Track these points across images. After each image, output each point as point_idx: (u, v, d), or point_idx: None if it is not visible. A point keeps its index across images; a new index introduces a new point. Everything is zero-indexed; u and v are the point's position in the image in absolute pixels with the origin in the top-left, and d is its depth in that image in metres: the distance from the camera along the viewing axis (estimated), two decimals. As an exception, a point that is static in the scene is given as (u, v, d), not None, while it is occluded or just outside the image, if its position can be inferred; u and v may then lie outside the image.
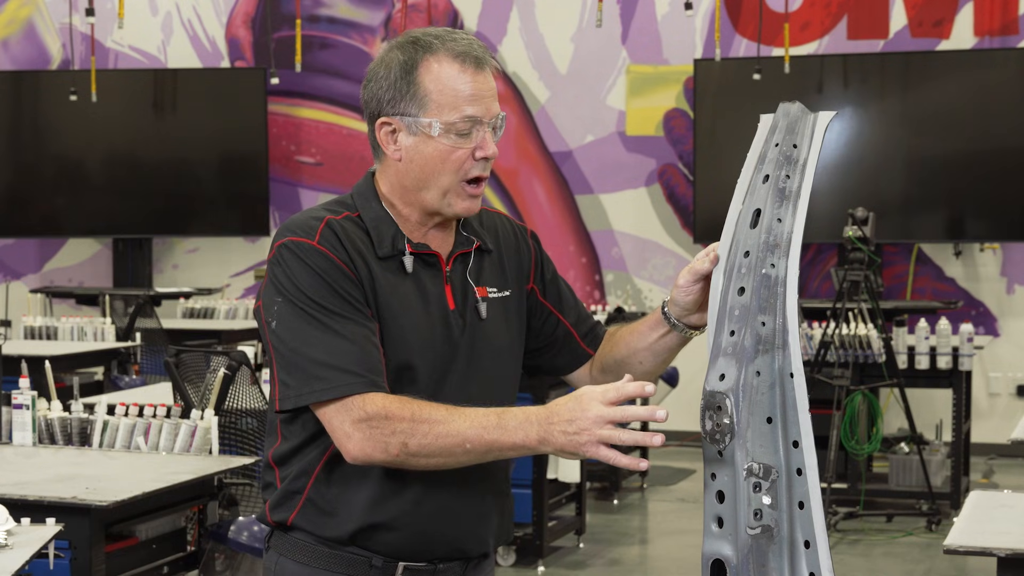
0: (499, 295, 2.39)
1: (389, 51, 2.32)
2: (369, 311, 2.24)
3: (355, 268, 2.25)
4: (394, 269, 2.30)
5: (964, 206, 9.13)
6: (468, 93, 2.26)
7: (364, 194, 2.35)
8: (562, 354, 2.53)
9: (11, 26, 10.87)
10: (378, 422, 2.15)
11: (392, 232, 2.32)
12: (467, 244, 2.38)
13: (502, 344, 2.38)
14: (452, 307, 2.32)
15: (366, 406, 2.16)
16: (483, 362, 2.35)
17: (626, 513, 7.68)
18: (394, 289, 2.28)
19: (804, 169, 2.04)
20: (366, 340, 2.21)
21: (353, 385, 2.17)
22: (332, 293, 2.22)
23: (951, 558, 5.82)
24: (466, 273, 2.36)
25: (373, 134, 2.33)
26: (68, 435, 4.42)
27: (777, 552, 1.95)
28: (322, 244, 2.24)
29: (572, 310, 2.53)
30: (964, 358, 7.45)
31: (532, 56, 10.03)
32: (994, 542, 3.32)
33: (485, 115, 2.27)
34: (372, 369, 2.19)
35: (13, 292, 10.63)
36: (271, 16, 10.30)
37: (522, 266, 2.47)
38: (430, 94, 2.26)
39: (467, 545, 2.35)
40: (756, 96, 8.83)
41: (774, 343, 1.97)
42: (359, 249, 2.27)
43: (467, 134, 2.27)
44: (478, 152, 2.28)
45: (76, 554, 3.62)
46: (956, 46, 9.22)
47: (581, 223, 9.98)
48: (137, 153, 10.34)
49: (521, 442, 2.12)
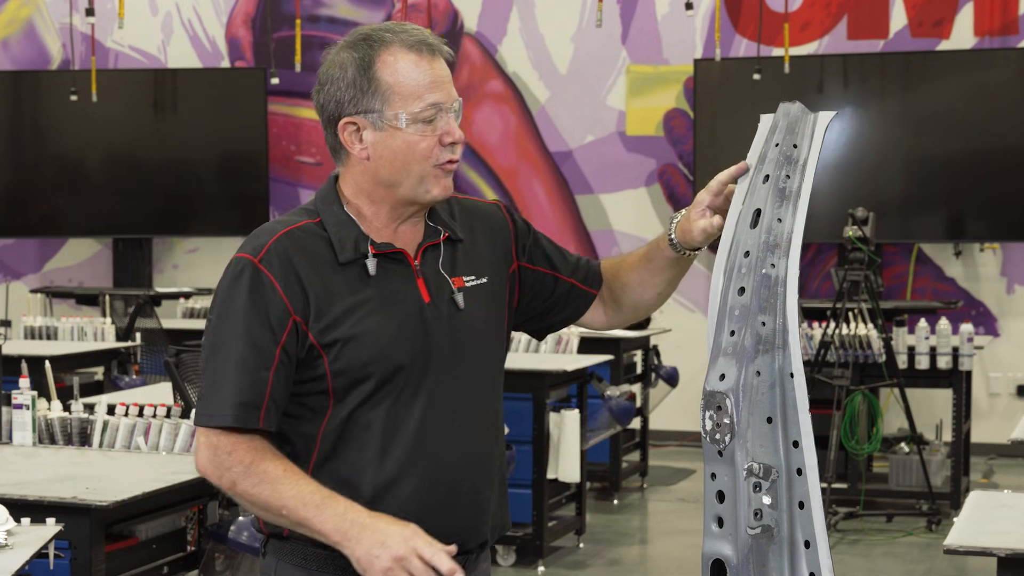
0: (476, 282, 2.40)
1: (339, 52, 2.32)
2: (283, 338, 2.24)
3: (302, 287, 2.26)
4: (357, 273, 2.30)
5: (964, 206, 9.13)
6: (428, 81, 2.30)
7: (326, 198, 2.36)
8: (567, 307, 2.55)
9: (11, 26, 10.87)
10: (223, 454, 2.24)
11: (354, 235, 2.31)
12: (435, 235, 2.38)
13: (484, 331, 2.39)
14: (427, 300, 2.32)
15: (224, 438, 2.24)
16: (467, 351, 2.35)
17: (626, 513, 7.68)
18: (357, 294, 2.28)
19: (804, 169, 2.04)
20: (255, 370, 2.23)
21: (226, 417, 2.23)
22: (250, 317, 2.24)
23: (951, 558, 5.82)
24: (439, 265, 2.36)
25: (334, 137, 2.33)
26: (68, 435, 4.42)
27: (777, 552, 1.95)
28: (263, 263, 2.26)
29: (564, 263, 2.55)
30: (964, 358, 7.45)
31: (532, 56, 10.03)
32: (994, 542, 3.31)
33: (447, 100, 2.32)
34: (252, 403, 2.22)
35: (13, 292, 10.63)
36: (271, 16, 10.29)
37: (503, 247, 2.48)
38: (391, 87, 2.28)
39: (464, 538, 2.35)
40: (756, 96, 8.82)
41: (774, 343, 1.97)
42: (314, 262, 2.28)
43: (432, 121, 2.30)
44: (445, 138, 2.33)
45: (76, 554, 3.62)
46: (956, 46, 9.22)
47: (581, 223, 9.98)
48: (137, 153, 10.34)
49: (328, 532, 2.19)
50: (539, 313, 2.54)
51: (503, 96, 10.07)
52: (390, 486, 2.28)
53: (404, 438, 2.29)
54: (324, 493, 2.20)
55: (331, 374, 2.27)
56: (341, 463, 2.29)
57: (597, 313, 2.58)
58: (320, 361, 2.27)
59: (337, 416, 2.28)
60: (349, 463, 2.28)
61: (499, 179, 10.10)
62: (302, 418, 2.31)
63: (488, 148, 10.11)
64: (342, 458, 2.29)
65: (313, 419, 2.30)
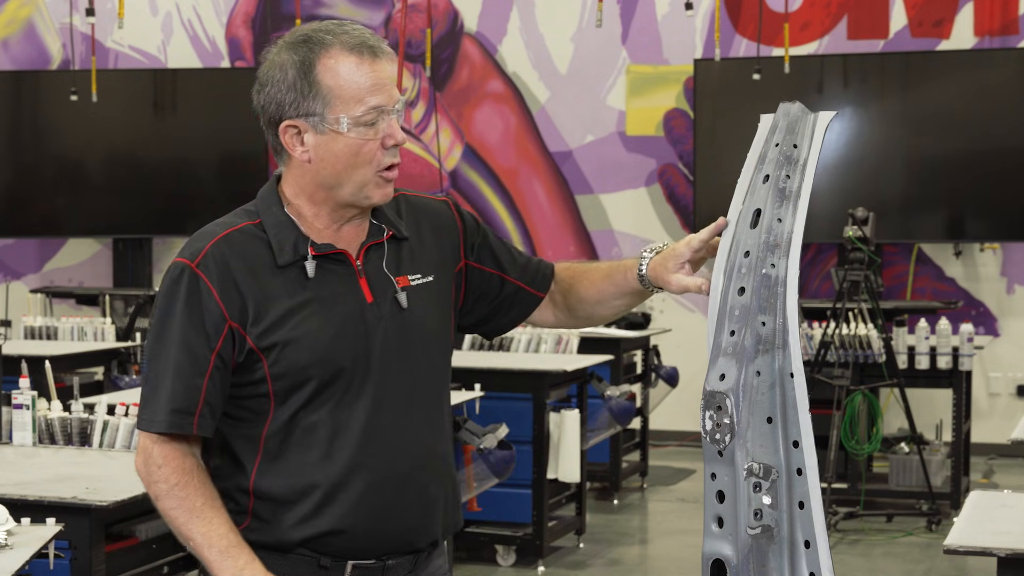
0: (422, 281, 2.39)
1: (279, 53, 2.31)
2: (218, 344, 2.25)
3: (239, 292, 2.26)
4: (297, 275, 2.29)
5: (964, 206, 9.13)
6: (370, 84, 2.26)
7: (267, 199, 2.36)
8: (514, 308, 2.54)
9: (11, 26, 10.87)
10: (153, 466, 2.27)
11: (293, 237, 2.31)
12: (379, 234, 2.37)
13: (430, 330, 2.38)
14: (370, 300, 2.32)
15: (160, 447, 2.27)
16: (412, 351, 2.34)
17: (626, 513, 7.68)
18: (296, 297, 2.28)
19: (804, 169, 2.04)
20: (189, 377, 2.24)
21: (160, 423, 2.25)
22: (185, 323, 2.25)
23: (951, 558, 5.82)
24: (383, 264, 2.35)
25: (276, 138, 2.32)
26: (68, 435, 4.42)
27: (777, 552, 1.95)
28: (200, 268, 2.27)
29: (512, 264, 2.53)
30: (964, 358, 7.45)
31: (532, 56, 10.03)
32: (994, 542, 3.31)
33: (389, 103, 2.28)
34: (186, 409, 2.25)
35: (13, 292, 10.63)
36: (271, 16, 10.29)
37: (449, 245, 2.46)
38: (332, 90, 2.25)
39: (414, 538, 2.35)
40: (756, 96, 8.82)
41: (774, 343, 1.97)
42: (252, 265, 2.28)
43: (374, 124, 2.26)
44: (387, 140, 2.28)
45: (76, 554, 3.62)
46: (956, 46, 9.22)
47: (581, 223, 9.98)
48: (137, 153, 10.34)
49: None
50: (486, 315, 2.53)
51: (503, 96, 10.07)
52: (336, 489, 2.28)
53: (349, 440, 2.28)
54: (231, 540, 2.23)
55: (271, 377, 2.27)
56: (286, 466, 2.29)
57: (546, 314, 2.57)
58: (260, 365, 2.27)
59: (279, 419, 2.29)
60: (294, 466, 2.29)
61: (499, 179, 10.10)
62: (244, 420, 2.31)
63: (488, 148, 10.11)
64: (287, 461, 2.29)
65: (256, 422, 2.30)
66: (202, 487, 2.26)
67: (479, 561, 6.40)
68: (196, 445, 2.30)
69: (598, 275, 2.49)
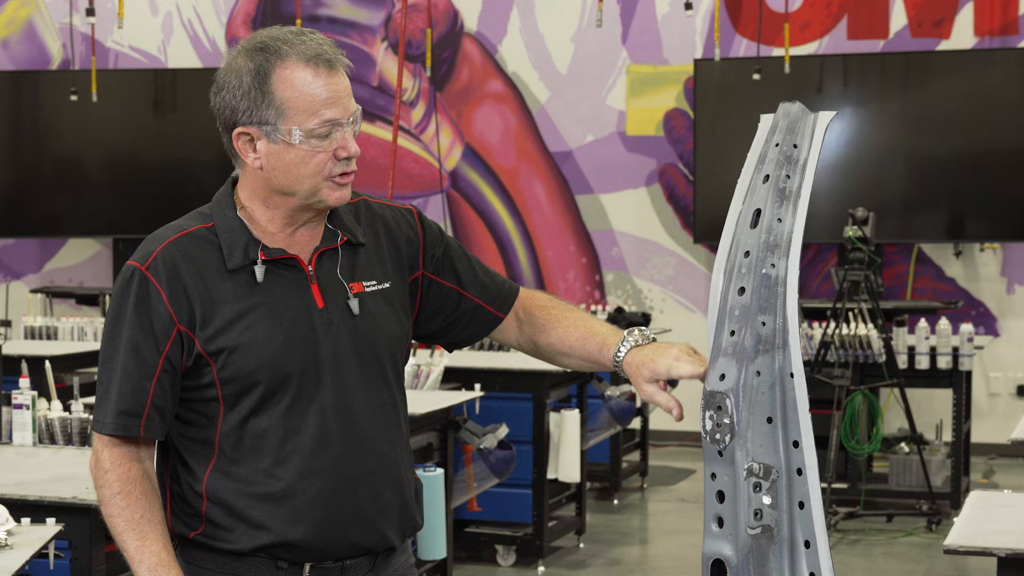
0: (377, 287, 2.37)
1: (236, 58, 2.30)
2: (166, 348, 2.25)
3: (187, 296, 2.26)
4: (246, 281, 2.29)
5: (964, 206, 9.13)
6: (324, 97, 2.25)
7: (221, 202, 2.35)
8: (471, 326, 2.52)
9: (11, 26, 10.87)
10: (101, 470, 2.29)
11: (244, 241, 2.30)
12: (333, 239, 2.36)
13: (383, 336, 2.37)
14: (320, 306, 2.31)
15: (109, 450, 2.28)
16: (363, 357, 2.33)
17: (626, 513, 7.68)
18: (245, 301, 2.28)
19: (804, 169, 2.04)
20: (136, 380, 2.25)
21: (107, 426, 2.27)
22: (133, 326, 2.26)
23: (951, 558, 5.82)
24: (336, 270, 2.34)
25: (230, 143, 2.31)
26: (68, 435, 4.42)
27: (777, 552, 1.95)
28: (150, 271, 2.27)
29: (473, 282, 2.50)
30: (964, 358, 7.45)
31: (532, 56, 10.03)
32: (994, 542, 3.32)
33: (343, 116, 2.26)
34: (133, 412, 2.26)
35: (13, 292, 10.63)
36: (271, 16, 10.29)
37: (407, 253, 2.44)
38: (286, 102, 2.24)
39: (369, 543, 2.35)
40: (756, 96, 8.82)
41: (774, 343, 1.97)
42: (201, 269, 2.28)
43: (327, 137, 2.25)
44: (340, 152, 2.27)
45: (76, 554, 3.62)
46: (956, 46, 9.22)
47: (581, 223, 9.98)
48: (137, 153, 10.34)
49: None
50: (442, 328, 2.51)
51: (503, 96, 10.07)
52: (288, 495, 2.28)
53: (300, 446, 2.28)
54: (161, 559, 2.25)
55: (219, 382, 2.27)
56: (239, 470, 2.29)
57: (509, 336, 2.54)
58: (208, 369, 2.27)
59: (230, 423, 2.29)
60: (246, 471, 2.29)
61: (499, 179, 10.09)
62: (196, 424, 2.31)
63: (488, 148, 10.11)
64: (241, 465, 2.29)
65: (208, 425, 2.30)
66: (144, 498, 2.27)
67: (479, 561, 6.40)
68: (146, 449, 2.30)
69: (575, 333, 2.45)
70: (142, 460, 2.29)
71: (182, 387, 2.30)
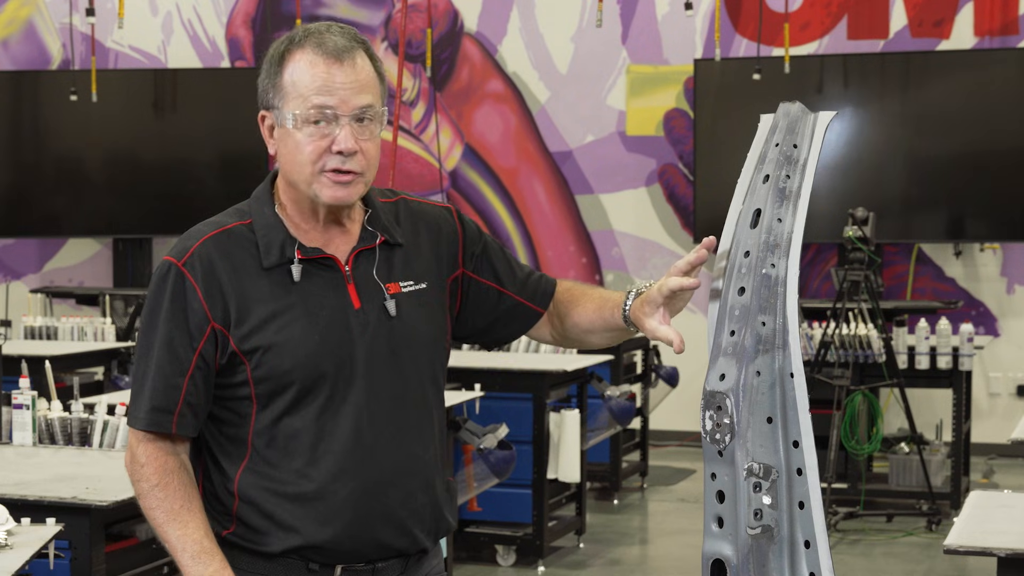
0: (414, 288, 2.37)
1: (274, 44, 2.33)
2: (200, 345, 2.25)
3: (222, 293, 2.26)
4: (282, 278, 2.28)
5: (964, 206, 9.13)
6: (318, 84, 2.25)
7: (260, 198, 2.35)
8: (513, 323, 2.52)
9: (11, 26, 10.87)
10: (137, 464, 2.29)
11: (281, 239, 2.30)
12: (371, 239, 2.35)
13: (420, 337, 2.36)
14: (357, 307, 2.30)
15: (144, 445, 2.28)
16: (400, 358, 2.32)
17: (626, 513, 7.67)
18: (280, 300, 2.27)
19: (804, 169, 2.04)
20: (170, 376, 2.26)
21: (140, 421, 2.28)
22: (169, 323, 2.26)
23: (951, 558, 5.82)
24: (373, 270, 2.33)
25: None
26: (68, 435, 4.42)
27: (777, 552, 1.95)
28: (187, 268, 2.26)
29: (512, 279, 2.50)
30: (964, 358, 7.45)
31: (532, 56, 10.03)
32: (994, 542, 3.31)
33: (339, 106, 2.25)
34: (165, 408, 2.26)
35: (13, 292, 10.63)
36: (271, 16, 10.29)
37: (447, 252, 2.44)
38: (287, 86, 2.27)
39: (400, 544, 2.33)
40: (756, 96, 8.82)
41: (774, 343, 1.97)
42: (237, 267, 2.27)
43: (319, 124, 2.24)
44: (334, 146, 2.25)
45: (76, 554, 3.62)
46: (956, 46, 9.22)
47: (581, 223, 9.98)
48: (137, 153, 10.34)
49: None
50: (484, 327, 2.50)
51: (503, 96, 10.06)
52: (319, 496, 2.27)
53: (333, 447, 2.27)
54: (204, 546, 2.24)
55: (253, 381, 2.27)
56: (271, 470, 2.28)
57: (543, 331, 2.55)
58: (242, 368, 2.27)
59: (263, 422, 2.28)
60: (278, 471, 2.28)
61: (499, 179, 10.09)
62: (229, 423, 2.31)
63: (488, 148, 10.11)
64: (272, 465, 2.28)
65: (240, 424, 2.30)
66: (182, 488, 2.26)
67: (479, 561, 6.40)
68: (181, 444, 2.30)
69: (592, 305, 2.46)
70: (178, 453, 2.29)
71: (216, 385, 2.29)
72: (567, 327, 2.51)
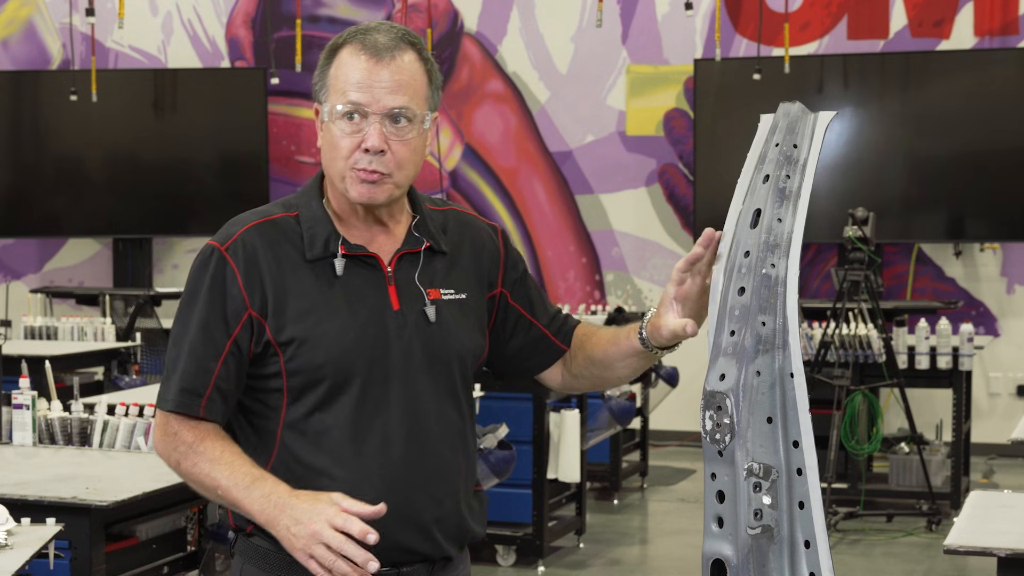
0: (454, 297, 2.36)
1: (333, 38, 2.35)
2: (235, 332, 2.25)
3: (262, 282, 2.25)
4: (324, 272, 2.28)
5: (964, 206, 9.13)
6: (356, 80, 2.25)
7: (308, 192, 2.36)
8: (535, 355, 2.50)
9: (11, 26, 10.87)
10: (169, 436, 2.27)
11: (326, 233, 2.29)
12: (415, 244, 2.34)
13: (455, 345, 2.34)
14: (396, 308, 2.29)
15: (175, 421, 2.27)
16: (435, 364, 2.31)
17: (626, 513, 7.68)
18: (319, 294, 2.26)
19: (804, 169, 2.04)
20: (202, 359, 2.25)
21: (169, 402, 2.27)
22: (206, 306, 2.26)
23: (951, 558, 5.82)
24: (415, 274, 2.33)
25: None
26: (68, 435, 4.42)
27: (777, 552, 1.95)
28: (228, 252, 2.26)
29: (544, 312, 2.49)
30: (964, 358, 7.45)
31: (532, 56, 10.03)
32: (994, 542, 3.32)
33: (371, 104, 2.24)
34: (195, 391, 2.25)
35: (13, 292, 10.63)
36: (271, 16, 10.29)
37: (488, 269, 2.43)
38: (331, 80, 2.28)
39: (424, 549, 2.32)
40: (756, 96, 8.82)
41: (774, 343, 1.97)
42: (279, 257, 2.27)
43: (352, 119, 2.25)
44: (362, 144, 2.25)
45: (76, 554, 3.62)
46: (956, 46, 9.22)
47: (581, 223, 9.98)
48: (137, 153, 10.34)
49: (255, 514, 2.20)
50: (507, 355, 2.48)
51: (503, 96, 10.07)
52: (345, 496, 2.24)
53: (362, 448, 2.26)
54: (255, 474, 2.21)
55: (286, 373, 2.26)
56: (299, 467, 2.27)
57: (556, 373, 2.52)
58: (276, 359, 2.26)
59: (293, 416, 2.27)
60: (306, 468, 2.26)
61: (499, 179, 10.10)
62: (259, 414, 2.31)
63: (488, 148, 10.11)
64: (300, 462, 2.27)
65: (271, 416, 2.29)
66: (218, 439, 2.25)
67: (479, 561, 6.40)
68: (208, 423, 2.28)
69: (606, 336, 2.44)
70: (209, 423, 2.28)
71: (248, 375, 2.29)
72: (579, 363, 2.48)
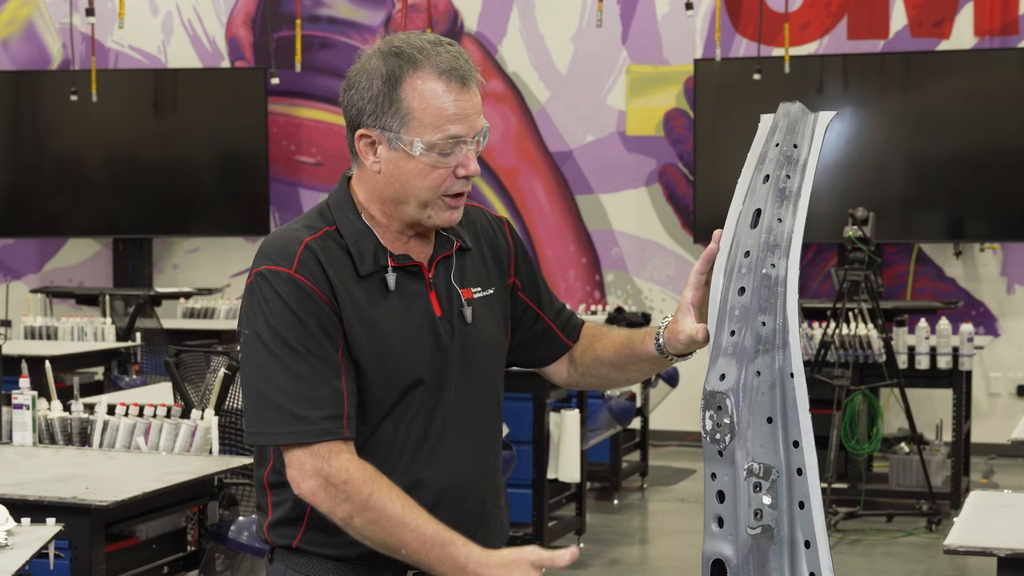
0: (484, 294, 2.35)
1: (371, 58, 2.23)
2: (340, 344, 2.18)
3: (335, 296, 2.20)
4: (376, 286, 2.24)
5: (964, 206, 9.13)
6: (452, 112, 2.18)
7: (342, 205, 2.28)
8: (540, 348, 2.50)
9: (11, 26, 10.87)
10: (336, 487, 2.15)
11: (373, 247, 2.25)
12: (448, 246, 2.33)
13: (491, 343, 2.35)
14: (439, 314, 2.28)
15: (331, 462, 2.15)
16: (478, 365, 2.32)
17: (626, 513, 7.68)
18: (377, 308, 2.23)
19: (804, 169, 2.04)
20: (328, 380, 2.16)
21: (306, 434, 2.15)
22: (302, 329, 2.17)
23: (951, 558, 5.82)
24: (450, 277, 2.31)
25: (352, 141, 2.26)
26: (68, 435, 4.42)
27: (777, 552, 1.95)
28: (300, 272, 2.18)
29: (550, 305, 2.49)
30: (964, 358, 7.45)
31: (532, 56, 10.03)
32: (994, 542, 3.31)
33: (468, 133, 2.20)
34: (328, 414, 2.16)
35: (13, 292, 10.63)
36: (271, 16, 10.29)
37: (502, 261, 2.42)
38: (413, 112, 2.18)
39: None
40: (756, 96, 8.82)
41: (774, 343, 1.97)
42: (338, 271, 2.21)
43: (449, 154, 2.20)
44: (460, 170, 2.21)
45: (76, 554, 3.62)
46: (956, 46, 9.22)
47: (581, 223, 9.98)
48: (137, 153, 10.34)
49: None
50: (513, 347, 2.46)
51: (503, 96, 10.07)
52: None
53: (416, 454, 2.25)
54: (443, 537, 2.15)
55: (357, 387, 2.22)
56: None
57: (561, 368, 2.52)
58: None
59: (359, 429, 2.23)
60: None
61: (499, 179, 10.10)
62: None
63: (488, 148, 10.11)
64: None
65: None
66: (391, 491, 2.16)
67: (479, 561, 6.39)
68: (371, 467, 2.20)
69: (618, 338, 2.43)
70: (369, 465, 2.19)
71: None
72: (588, 362, 2.48)
